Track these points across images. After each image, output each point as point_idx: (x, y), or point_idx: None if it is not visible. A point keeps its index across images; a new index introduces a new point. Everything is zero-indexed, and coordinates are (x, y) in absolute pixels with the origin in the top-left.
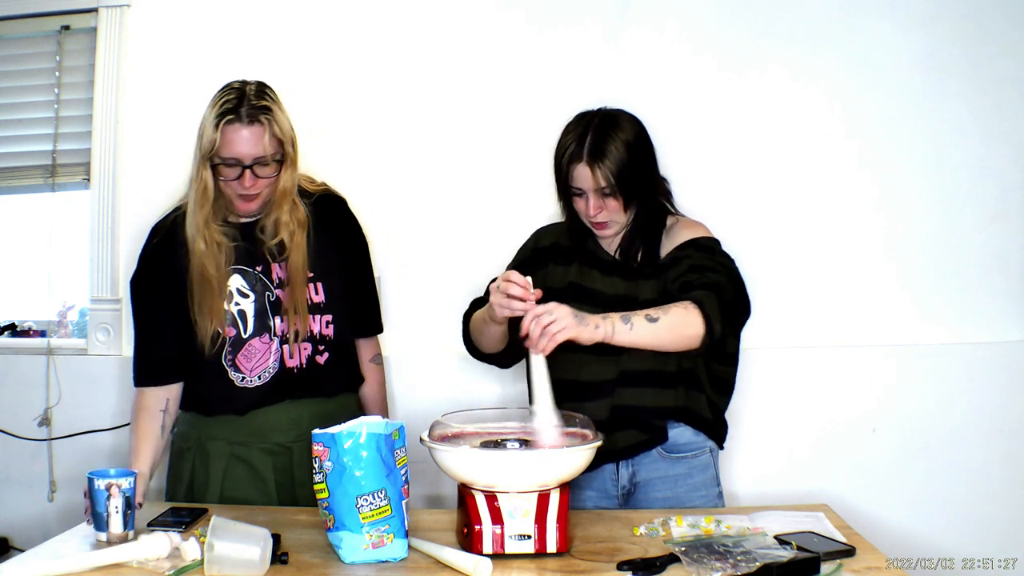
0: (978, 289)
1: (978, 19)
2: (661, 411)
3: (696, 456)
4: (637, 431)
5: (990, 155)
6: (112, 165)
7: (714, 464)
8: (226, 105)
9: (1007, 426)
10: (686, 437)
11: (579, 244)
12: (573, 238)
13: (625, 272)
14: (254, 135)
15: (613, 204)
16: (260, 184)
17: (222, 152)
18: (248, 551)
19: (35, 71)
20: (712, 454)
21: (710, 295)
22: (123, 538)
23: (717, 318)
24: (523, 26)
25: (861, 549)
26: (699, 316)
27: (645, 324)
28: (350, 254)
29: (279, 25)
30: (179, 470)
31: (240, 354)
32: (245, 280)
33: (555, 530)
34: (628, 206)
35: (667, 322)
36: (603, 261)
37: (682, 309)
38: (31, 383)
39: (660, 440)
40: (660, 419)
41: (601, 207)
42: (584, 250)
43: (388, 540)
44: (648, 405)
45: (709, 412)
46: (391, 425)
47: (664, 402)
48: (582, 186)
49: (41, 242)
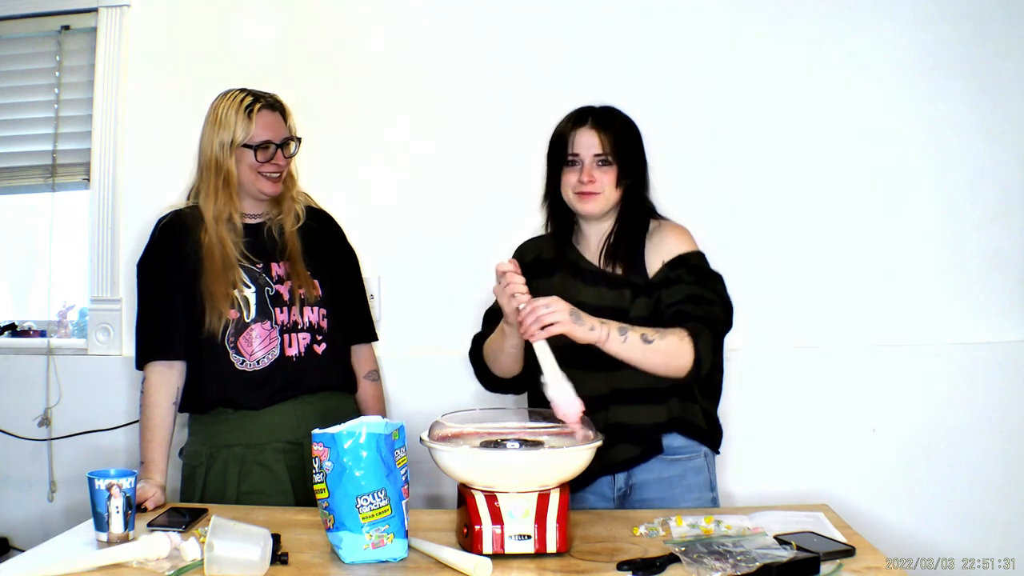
0: (978, 289)
1: (978, 19)
2: (655, 426)
3: (691, 459)
4: (632, 445)
5: (990, 155)
6: (112, 165)
7: (708, 468)
8: (248, 98)
9: (1007, 426)
10: (680, 441)
11: (561, 254)
12: (555, 248)
13: (610, 282)
14: (278, 119)
15: (606, 177)
16: (286, 162)
17: (258, 137)
18: (248, 551)
19: (35, 71)
20: (707, 459)
21: (706, 332)
22: (123, 538)
23: (708, 356)
24: (519, 28)
25: (861, 549)
26: (691, 350)
27: (639, 342)
28: (340, 264)
29: (277, 26)
30: (192, 486)
31: (242, 337)
32: (247, 275)
33: (555, 530)
34: (619, 182)
35: (661, 346)
36: (586, 271)
37: (677, 339)
38: (31, 383)
39: (655, 452)
40: (655, 433)
41: (594, 178)
42: (566, 261)
43: (388, 540)
44: (642, 422)
45: (703, 420)
46: (391, 425)
47: (658, 417)
48: (580, 152)
49: (41, 242)
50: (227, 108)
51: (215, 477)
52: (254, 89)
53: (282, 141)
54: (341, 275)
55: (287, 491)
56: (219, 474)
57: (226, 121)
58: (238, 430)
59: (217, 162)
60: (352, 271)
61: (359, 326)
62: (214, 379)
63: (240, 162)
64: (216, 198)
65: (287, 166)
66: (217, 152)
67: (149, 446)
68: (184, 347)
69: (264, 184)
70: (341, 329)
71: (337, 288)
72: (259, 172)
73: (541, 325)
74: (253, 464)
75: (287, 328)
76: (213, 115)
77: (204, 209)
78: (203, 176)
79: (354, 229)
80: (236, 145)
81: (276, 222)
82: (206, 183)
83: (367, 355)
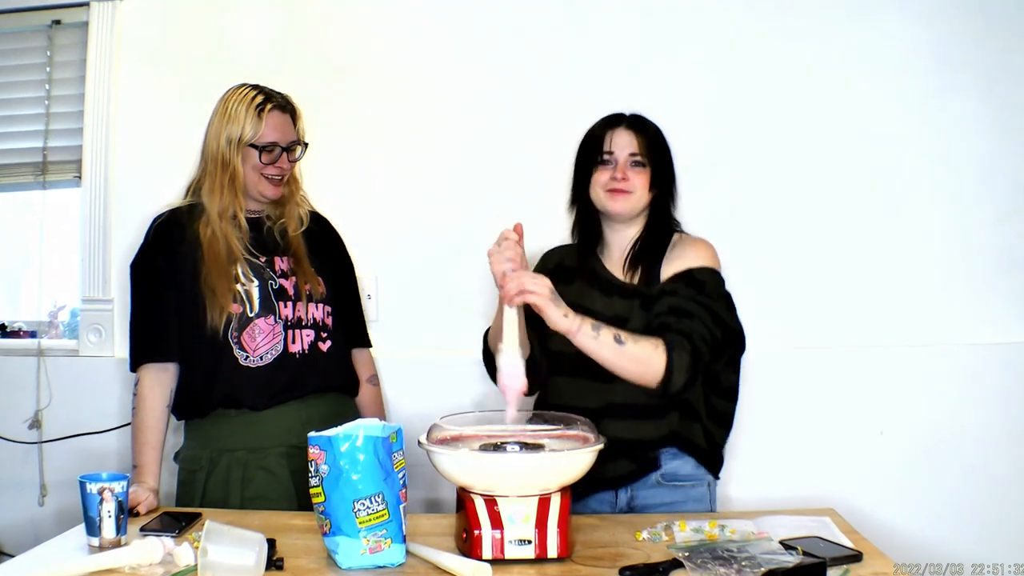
0: (987, 289)
1: (986, 13)
2: (652, 442)
3: (694, 487)
4: (628, 461)
5: (1000, 152)
6: (104, 162)
7: (710, 497)
8: (260, 96)
9: (1017, 428)
10: (687, 469)
11: (583, 263)
12: (580, 257)
13: (624, 292)
14: (287, 122)
15: (639, 179)
16: (289, 166)
17: (265, 138)
18: (243, 556)
19: (25, 66)
20: (710, 488)
21: (684, 344)
22: (116, 543)
23: (682, 370)
24: (519, 28)
25: (868, 554)
26: (663, 361)
27: (610, 342)
28: (340, 268)
29: (276, 22)
30: (190, 492)
31: (245, 332)
32: (251, 268)
33: (556, 535)
34: (652, 186)
35: (631, 350)
36: (604, 281)
37: (651, 347)
38: (21, 385)
39: (651, 469)
40: (651, 450)
41: (628, 176)
42: (588, 269)
43: (385, 545)
44: (639, 437)
45: (704, 441)
46: (388, 428)
47: (655, 433)
48: (616, 151)
49: (31, 241)
50: (237, 103)
51: (216, 482)
52: (267, 87)
53: (288, 144)
54: (341, 279)
55: (291, 496)
56: (221, 479)
57: (235, 117)
58: (241, 433)
59: (223, 158)
60: (351, 277)
61: (357, 331)
62: (216, 377)
63: (244, 161)
64: (221, 194)
65: (290, 170)
66: (224, 148)
67: (142, 449)
68: (179, 349)
69: (265, 187)
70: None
71: (338, 291)
72: (261, 174)
73: (520, 291)
74: (256, 469)
75: (291, 324)
76: (223, 108)
77: (208, 204)
78: (208, 170)
79: (353, 229)
80: (243, 143)
81: (279, 225)
82: (211, 178)
83: (367, 359)
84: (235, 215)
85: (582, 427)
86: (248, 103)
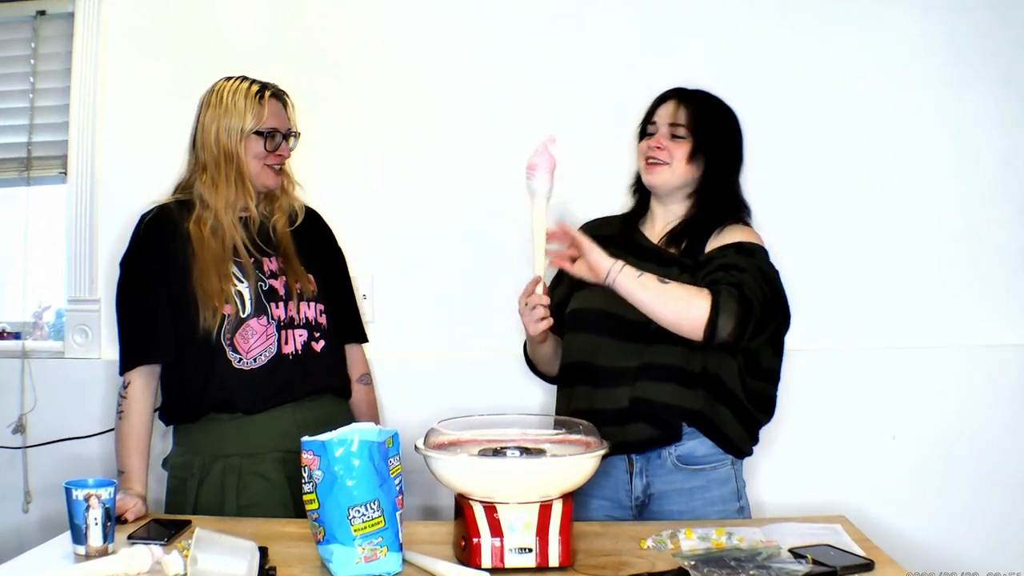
0: (1001, 288)
1: (1000, 4)
2: (677, 410)
3: (715, 468)
4: (649, 426)
5: (1015, 148)
6: (90, 158)
7: (735, 477)
8: (255, 85)
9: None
10: (704, 449)
11: (625, 231)
12: (623, 225)
13: (661, 260)
14: (282, 110)
15: (679, 151)
16: (287, 156)
17: (267, 124)
18: (234, 565)
19: (9, 58)
20: (734, 467)
21: (731, 291)
22: (103, 551)
23: (730, 314)
24: (516, 24)
25: (880, 563)
26: (707, 304)
27: (654, 281)
28: (331, 263)
29: (268, 16)
30: (181, 499)
31: (238, 334)
32: (239, 269)
33: (558, 543)
34: (691, 159)
35: (674, 292)
36: (641, 247)
37: (696, 291)
38: (5, 388)
39: (672, 439)
40: (675, 418)
41: (664, 146)
42: (627, 237)
43: (381, 554)
44: (666, 401)
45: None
46: (384, 432)
47: (682, 402)
48: (658, 121)
49: (15, 239)
50: (233, 94)
51: (210, 489)
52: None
53: (286, 132)
54: (332, 273)
55: (288, 503)
56: (215, 486)
57: (234, 107)
58: (234, 438)
59: (227, 151)
60: (342, 270)
61: (350, 326)
62: (209, 381)
63: (247, 151)
64: (227, 188)
65: (287, 159)
66: (225, 140)
67: (130, 455)
68: (171, 349)
69: (268, 176)
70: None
71: (329, 286)
72: (264, 163)
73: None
74: (251, 475)
75: (283, 324)
76: (216, 101)
77: (212, 199)
78: (207, 166)
79: (348, 226)
80: (246, 132)
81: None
82: (213, 172)
83: (359, 357)
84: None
85: (584, 432)
86: (246, 92)
